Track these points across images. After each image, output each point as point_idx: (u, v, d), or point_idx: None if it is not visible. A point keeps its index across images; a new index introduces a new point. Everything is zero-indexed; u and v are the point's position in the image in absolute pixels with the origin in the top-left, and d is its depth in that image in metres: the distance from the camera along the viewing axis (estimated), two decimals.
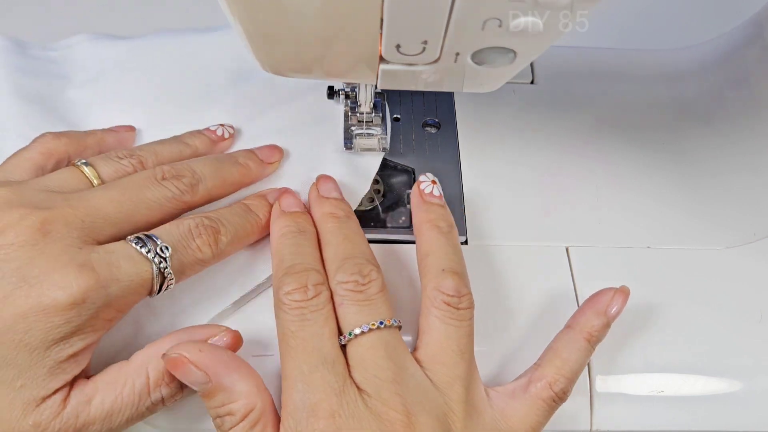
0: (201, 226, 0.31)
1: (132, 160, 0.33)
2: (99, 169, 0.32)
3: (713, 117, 0.43)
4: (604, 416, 0.33)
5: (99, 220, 0.29)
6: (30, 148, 0.33)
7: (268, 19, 0.24)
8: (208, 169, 0.33)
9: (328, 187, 0.35)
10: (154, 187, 0.31)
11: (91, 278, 0.26)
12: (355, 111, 0.39)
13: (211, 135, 0.37)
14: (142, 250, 0.28)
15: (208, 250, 0.31)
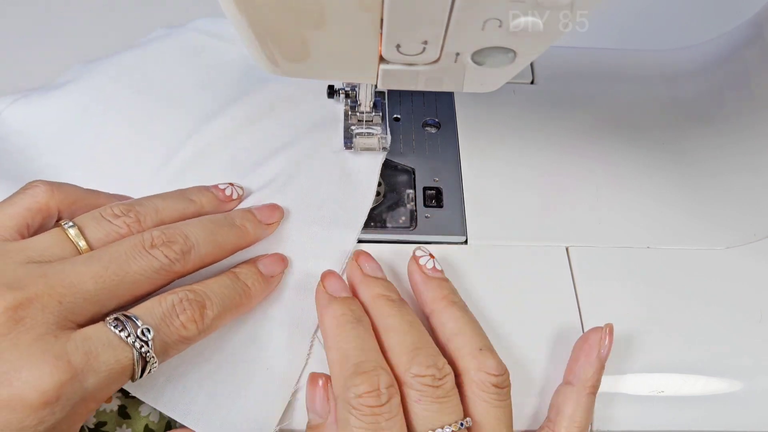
0: (185, 302, 0.29)
1: (127, 218, 0.31)
2: (87, 232, 0.29)
3: (713, 117, 0.43)
4: (604, 416, 0.33)
5: (79, 300, 0.26)
6: (15, 203, 0.30)
7: (268, 18, 0.24)
8: (203, 234, 0.31)
9: (374, 267, 0.34)
10: (141, 257, 0.28)
11: (66, 372, 0.24)
12: (355, 110, 0.39)
13: (219, 194, 0.35)
14: (121, 334, 0.26)
15: (193, 327, 0.28)
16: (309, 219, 0.36)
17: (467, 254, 0.37)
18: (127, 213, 0.31)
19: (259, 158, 0.39)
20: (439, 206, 0.39)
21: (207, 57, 0.45)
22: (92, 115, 0.41)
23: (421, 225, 0.38)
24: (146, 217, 0.31)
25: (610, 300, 0.36)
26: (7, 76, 0.53)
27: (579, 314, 0.35)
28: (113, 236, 0.30)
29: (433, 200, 0.39)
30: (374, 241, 0.37)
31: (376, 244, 0.37)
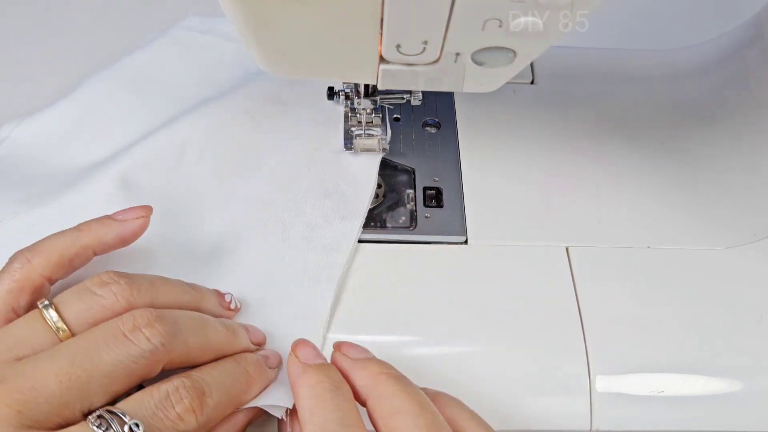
0: (182, 389, 0.25)
1: (116, 287, 0.27)
2: (64, 311, 0.26)
3: (713, 117, 0.43)
4: (604, 416, 0.33)
5: (42, 405, 0.23)
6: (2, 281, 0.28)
7: (268, 18, 0.24)
8: (192, 322, 0.28)
9: (359, 350, 0.30)
10: (117, 345, 0.25)
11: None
12: (355, 112, 0.39)
13: (221, 300, 0.32)
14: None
15: (192, 418, 0.25)
16: (309, 220, 0.36)
17: (467, 254, 0.37)
18: (118, 280, 0.28)
19: (258, 158, 0.39)
20: (439, 206, 0.39)
21: (204, 56, 0.45)
22: (94, 120, 0.41)
23: (421, 225, 0.38)
24: (140, 287, 0.28)
25: (610, 300, 0.36)
26: (7, 76, 0.53)
27: (579, 314, 0.35)
28: (94, 309, 0.27)
29: (433, 200, 0.39)
30: (374, 241, 0.37)
31: (376, 244, 0.37)
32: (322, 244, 0.36)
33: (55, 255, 0.29)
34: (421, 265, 0.36)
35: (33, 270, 0.28)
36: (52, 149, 0.40)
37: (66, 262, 0.29)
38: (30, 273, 0.28)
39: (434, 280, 0.36)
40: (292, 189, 0.38)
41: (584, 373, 0.33)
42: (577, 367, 0.34)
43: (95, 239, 0.30)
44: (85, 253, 0.30)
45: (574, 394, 0.33)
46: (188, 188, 0.38)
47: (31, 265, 0.28)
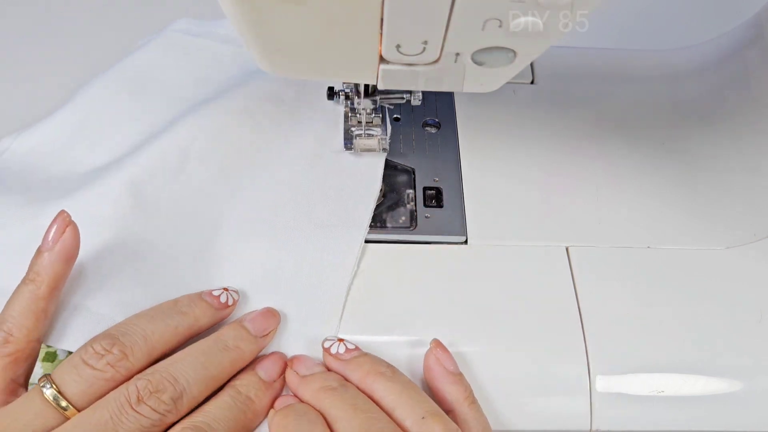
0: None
1: (111, 356, 0.27)
2: (66, 391, 0.27)
3: (713, 117, 0.43)
4: (604, 416, 0.33)
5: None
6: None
7: (268, 19, 0.24)
8: (193, 372, 0.28)
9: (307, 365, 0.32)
10: (128, 419, 0.26)
11: None
12: (355, 112, 0.39)
13: (213, 302, 0.32)
14: None
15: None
16: (315, 221, 0.36)
17: (467, 254, 0.37)
18: (111, 349, 0.28)
19: (261, 159, 0.39)
20: (439, 206, 0.39)
21: (202, 56, 0.45)
22: (94, 126, 0.41)
23: (421, 225, 0.38)
24: (133, 348, 0.28)
25: (610, 300, 0.36)
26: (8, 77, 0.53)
27: (579, 314, 0.35)
28: (97, 385, 0.27)
29: (433, 200, 0.39)
30: (374, 241, 0.37)
31: (377, 244, 0.37)
32: (330, 246, 0.36)
33: (32, 317, 0.29)
34: (421, 265, 0.36)
35: (20, 341, 0.28)
36: (53, 157, 0.40)
37: (42, 319, 0.29)
38: (18, 345, 0.28)
39: (434, 280, 0.36)
40: (298, 190, 0.38)
41: (584, 373, 0.33)
42: (577, 367, 0.34)
43: (51, 281, 0.29)
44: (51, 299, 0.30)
45: (574, 394, 0.33)
46: (194, 191, 0.37)
47: (15, 338, 0.28)
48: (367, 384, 0.30)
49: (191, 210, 0.37)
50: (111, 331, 0.29)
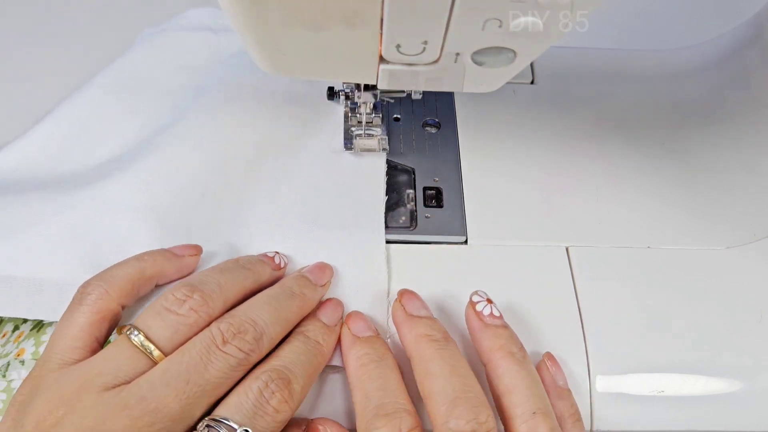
0: (272, 384, 0.28)
1: (192, 302, 0.29)
2: (153, 335, 0.28)
3: (713, 117, 0.43)
4: (604, 416, 0.33)
5: (167, 423, 0.26)
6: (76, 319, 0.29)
7: (268, 19, 0.24)
8: (269, 314, 0.30)
9: (417, 305, 0.32)
10: (217, 359, 0.27)
11: None
12: (355, 111, 0.39)
13: (269, 262, 0.34)
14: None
15: (286, 407, 0.28)
16: (330, 224, 0.36)
17: (467, 254, 0.37)
18: (192, 295, 0.29)
19: (262, 159, 0.39)
20: (439, 206, 0.39)
21: (200, 57, 0.45)
22: (89, 126, 0.41)
23: (421, 225, 0.38)
24: (211, 297, 0.29)
25: (610, 300, 0.36)
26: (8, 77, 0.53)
27: (579, 314, 0.35)
28: (182, 330, 0.28)
29: (433, 200, 0.39)
30: None
31: None
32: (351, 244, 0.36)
33: (128, 284, 0.30)
34: (421, 265, 0.36)
35: (112, 300, 0.30)
36: (54, 160, 0.40)
37: (135, 292, 0.31)
38: (109, 303, 0.30)
39: (434, 280, 0.36)
40: (307, 192, 0.38)
41: (584, 373, 0.33)
42: (577, 367, 0.34)
43: (158, 271, 0.32)
44: (149, 283, 0.32)
45: (574, 394, 0.33)
46: (202, 195, 0.37)
47: (109, 296, 0.30)
48: (493, 357, 0.30)
49: (202, 213, 0.37)
50: (188, 280, 0.30)
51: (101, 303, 0.29)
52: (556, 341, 0.34)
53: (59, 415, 0.26)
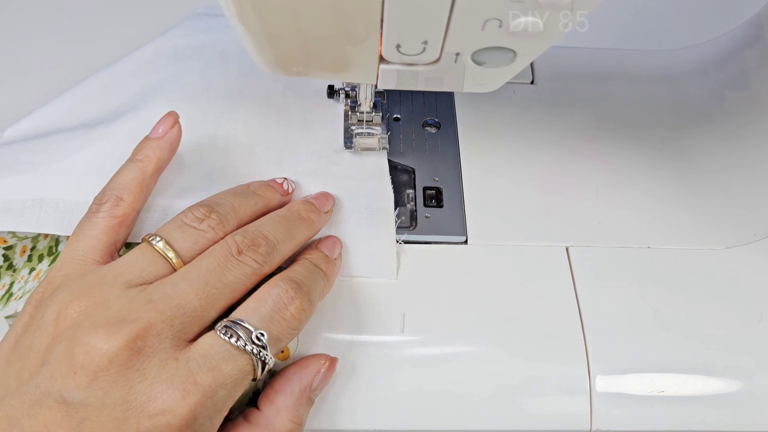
0: (291, 291, 0.29)
1: (211, 221, 0.31)
2: (174, 243, 0.30)
3: (713, 117, 0.43)
4: (604, 416, 0.33)
5: (187, 319, 0.27)
6: (95, 223, 0.31)
7: (268, 19, 0.24)
8: (280, 232, 0.31)
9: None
10: (233, 266, 0.29)
11: (196, 394, 0.25)
12: (355, 110, 0.39)
13: (278, 188, 0.35)
14: (237, 344, 0.27)
15: (303, 315, 0.29)
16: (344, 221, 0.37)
17: (467, 254, 0.37)
18: (209, 215, 0.31)
19: (258, 158, 0.39)
20: (439, 206, 0.39)
21: (198, 57, 0.45)
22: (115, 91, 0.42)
23: (421, 225, 0.38)
24: (227, 217, 0.31)
25: (610, 300, 0.36)
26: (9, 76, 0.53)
27: (579, 314, 0.35)
28: (200, 242, 0.30)
29: (433, 200, 0.39)
30: None
31: None
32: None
33: (137, 188, 0.32)
34: (421, 265, 0.36)
35: (126, 206, 0.31)
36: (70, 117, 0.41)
37: (145, 193, 0.33)
38: (125, 209, 0.31)
39: (434, 280, 0.36)
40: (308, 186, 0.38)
41: (584, 373, 0.33)
42: (577, 367, 0.34)
43: (156, 163, 0.33)
44: (153, 180, 0.33)
45: (574, 394, 0.33)
46: (207, 174, 0.38)
47: (124, 202, 0.31)
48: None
49: None
50: (205, 202, 0.32)
51: (117, 209, 0.31)
52: (556, 341, 0.34)
53: (82, 306, 0.27)
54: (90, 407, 0.24)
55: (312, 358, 0.31)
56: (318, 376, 0.31)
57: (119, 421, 0.24)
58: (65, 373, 0.25)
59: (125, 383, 0.25)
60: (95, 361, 0.25)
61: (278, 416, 0.29)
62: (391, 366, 0.33)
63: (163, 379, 0.25)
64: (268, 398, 0.30)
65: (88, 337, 0.25)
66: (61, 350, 0.26)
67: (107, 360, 0.25)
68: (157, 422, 0.25)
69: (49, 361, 0.26)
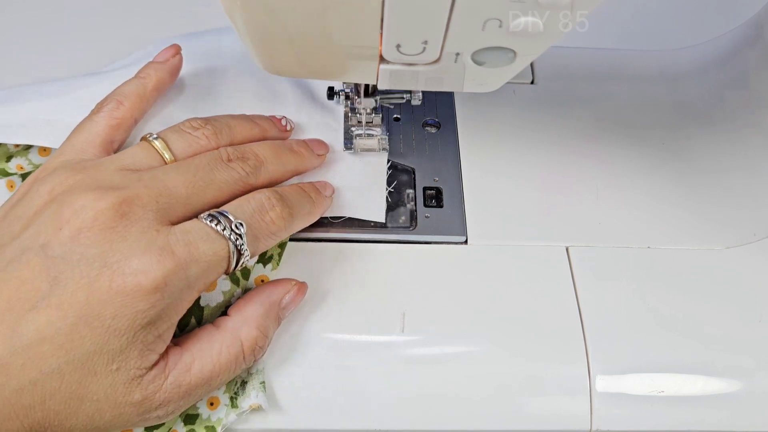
0: (273, 199, 0.31)
1: (205, 131, 0.33)
2: (170, 144, 0.32)
3: (713, 117, 0.43)
4: (604, 416, 0.33)
5: (173, 201, 0.29)
6: (96, 121, 0.33)
7: (268, 19, 0.24)
8: (269, 153, 0.34)
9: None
10: (222, 168, 0.31)
11: (171, 262, 0.27)
12: (355, 112, 0.39)
13: (277, 123, 0.37)
14: (217, 228, 0.28)
15: (282, 223, 0.31)
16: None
17: (467, 254, 0.37)
18: (205, 126, 0.33)
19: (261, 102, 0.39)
20: (439, 206, 0.39)
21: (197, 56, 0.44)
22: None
23: (421, 225, 0.38)
24: (221, 131, 0.33)
25: (610, 300, 0.36)
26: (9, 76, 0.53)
27: (579, 314, 0.35)
28: (194, 147, 0.32)
29: (433, 200, 0.39)
30: (374, 241, 0.37)
31: (377, 244, 0.37)
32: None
33: (137, 99, 0.34)
34: (421, 265, 0.36)
35: (126, 110, 0.33)
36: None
37: (144, 106, 0.35)
38: (124, 113, 0.33)
39: (434, 280, 0.36)
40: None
41: (584, 373, 0.33)
42: (577, 367, 0.34)
43: (157, 82, 0.35)
44: (153, 97, 0.35)
45: (574, 394, 0.33)
46: None
47: (124, 107, 0.33)
48: None
49: None
50: (203, 117, 0.34)
51: (117, 112, 0.33)
52: (556, 341, 0.34)
53: (75, 179, 0.28)
54: (68, 261, 0.26)
55: (282, 280, 0.33)
56: (288, 296, 0.32)
57: (93, 277, 0.26)
58: (50, 230, 0.27)
59: (105, 241, 0.26)
60: (81, 217, 0.26)
61: (245, 324, 0.30)
62: (391, 366, 0.33)
63: (142, 244, 0.26)
64: (237, 307, 0.31)
65: (77, 198, 0.27)
66: (49, 212, 0.27)
67: (92, 217, 0.26)
68: (129, 281, 0.26)
69: (36, 222, 0.27)
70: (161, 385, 0.27)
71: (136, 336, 0.26)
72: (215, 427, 0.31)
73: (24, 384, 0.25)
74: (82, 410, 0.26)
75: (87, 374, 0.26)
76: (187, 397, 0.28)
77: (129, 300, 0.26)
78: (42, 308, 0.25)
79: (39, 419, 0.26)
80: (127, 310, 0.26)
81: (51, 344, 0.25)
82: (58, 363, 0.25)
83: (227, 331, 0.30)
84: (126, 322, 0.26)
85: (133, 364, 0.26)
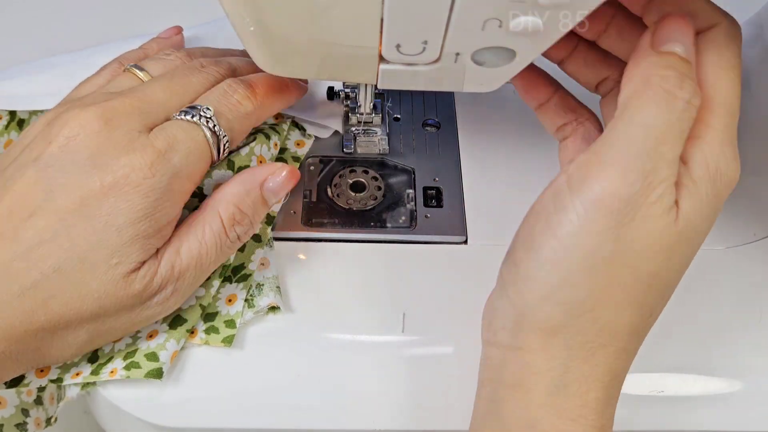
0: (233, 84, 0.33)
1: (180, 54, 0.35)
2: (149, 69, 0.34)
3: None
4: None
5: (154, 107, 0.31)
6: (100, 75, 0.35)
7: (268, 19, 0.24)
8: (243, 63, 0.36)
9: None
10: (197, 73, 0.33)
11: (153, 154, 0.29)
12: (355, 112, 0.39)
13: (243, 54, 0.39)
14: (187, 118, 0.30)
15: (249, 102, 0.33)
16: None
17: (467, 254, 0.37)
18: (177, 53, 0.36)
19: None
20: (439, 206, 0.39)
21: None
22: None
23: (421, 225, 0.38)
24: (194, 53, 0.36)
25: None
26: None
27: None
28: (169, 66, 0.34)
29: (433, 200, 0.39)
30: (374, 241, 0.37)
31: (376, 244, 0.37)
32: None
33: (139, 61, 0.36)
34: (421, 265, 0.36)
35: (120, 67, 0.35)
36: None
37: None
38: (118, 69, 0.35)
39: (434, 280, 0.36)
40: None
41: None
42: None
43: (159, 53, 0.36)
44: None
45: None
46: None
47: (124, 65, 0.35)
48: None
49: None
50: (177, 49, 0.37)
51: (118, 72, 0.35)
52: None
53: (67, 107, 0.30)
54: (59, 169, 0.28)
55: (271, 164, 0.33)
56: (275, 177, 0.32)
57: (85, 179, 0.28)
58: (42, 145, 0.29)
59: (93, 146, 0.28)
60: (68, 127, 0.29)
61: (223, 200, 0.31)
62: (391, 366, 0.33)
63: (126, 144, 0.29)
64: (221, 186, 0.32)
65: (65, 115, 0.29)
66: (42, 133, 0.30)
67: (79, 126, 0.29)
68: (119, 177, 0.28)
69: (31, 143, 0.30)
70: (155, 271, 0.29)
71: (134, 228, 0.28)
72: (234, 320, 0.33)
73: (26, 287, 0.27)
74: (84, 310, 0.28)
75: (87, 271, 0.27)
76: (181, 279, 0.30)
77: (122, 195, 0.28)
78: (40, 214, 0.27)
79: (42, 323, 0.27)
80: (121, 204, 0.28)
81: (50, 245, 0.27)
82: (58, 262, 0.27)
83: (207, 209, 0.31)
84: (122, 217, 0.28)
85: (134, 258, 0.28)
